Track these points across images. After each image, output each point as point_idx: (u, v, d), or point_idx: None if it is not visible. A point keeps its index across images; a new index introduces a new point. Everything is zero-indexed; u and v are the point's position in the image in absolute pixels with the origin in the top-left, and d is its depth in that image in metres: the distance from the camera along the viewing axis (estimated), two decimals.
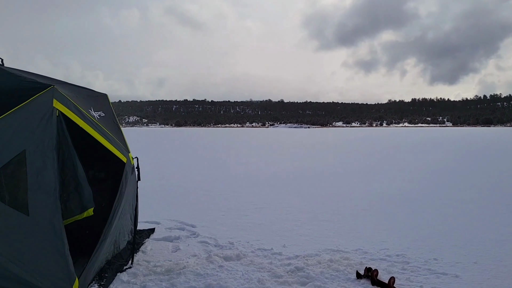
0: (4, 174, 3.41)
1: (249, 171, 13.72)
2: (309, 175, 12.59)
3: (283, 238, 5.62)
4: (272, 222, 6.55)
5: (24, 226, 3.45)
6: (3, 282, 3.37)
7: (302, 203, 8.19)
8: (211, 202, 8.30)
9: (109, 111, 4.93)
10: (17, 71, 4.12)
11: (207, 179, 11.88)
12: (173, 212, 7.18)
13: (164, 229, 6.06)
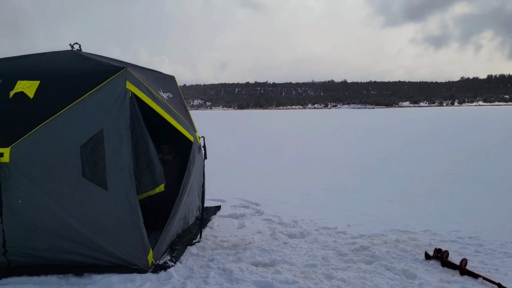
0: (85, 151, 3.69)
1: (312, 152, 13.66)
2: (374, 156, 12.28)
3: (348, 217, 5.57)
4: (336, 202, 6.50)
5: (103, 200, 3.72)
6: (87, 251, 3.69)
7: (367, 183, 8.03)
8: (274, 181, 8.40)
9: (176, 92, 5.12)
10: (93, 56, 4.39)
11: (270, 160, 12.01)
12: (238, 190, 7.36)
13: (229, 207, 6.24)
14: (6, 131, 3.58)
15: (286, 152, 13.90)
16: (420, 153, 12.70)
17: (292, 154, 13.27)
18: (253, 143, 17.74)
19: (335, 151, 13.77)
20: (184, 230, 4.76)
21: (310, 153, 13.49)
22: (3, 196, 3.49)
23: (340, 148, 14.94)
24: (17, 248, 3.64)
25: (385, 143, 16.36)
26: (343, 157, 12.15)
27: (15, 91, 3.69)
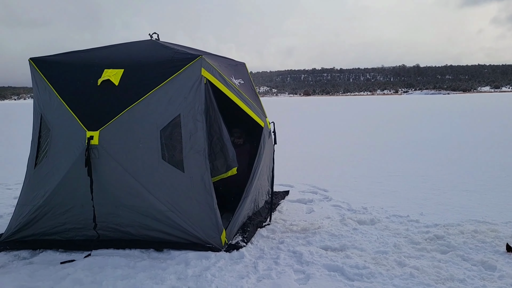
0: (164, 135, 3.93)
1: (381, 139, 13.28)
2: (449, 144, 11.66)
3: (420, 206, 5.39)
4: (407, 190, 6.31)
5: (180, 181, 3.95)
6: (166, 228, 3.94)
7: (441, 171, 7.68)
8: (342, 168, 8.32)
9: (247, 79, 5.24)
10: (170, 44, 4.62)
11: (338, 146, 11.86)
12: (306, 176, 7.39)
13: (297, 192, 6.30)
14: (95, 116, 3.91)
15: (355, 138, 13.63)
16: (502, 142, 11.85)
17: (361, 140, 12.99)
18: (320, 129, 17.58)
19: (405, 138, 13.26)
20: (254, 213, 4.90)
21: (379, 140, 13.12)
22: (94, 175, 3.82)
23: (410, 135, 14.35)
24: (105, 223, 3.98)
25: (462, 131, 15.44)
26: (414, 145, 11.67)
27: (102, 79, 4.00)
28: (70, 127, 3.94)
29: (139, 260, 3.71)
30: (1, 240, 4.18)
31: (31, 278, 3.39)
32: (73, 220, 4.03)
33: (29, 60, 4.24)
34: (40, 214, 4.05)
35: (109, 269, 3.53)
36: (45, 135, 4.15)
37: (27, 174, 4.25)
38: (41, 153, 4.17)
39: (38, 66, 4.21)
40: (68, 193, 3.95)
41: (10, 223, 4.21)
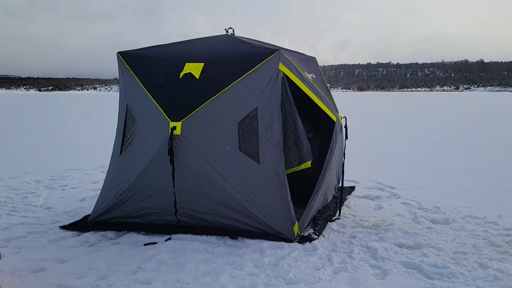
0: (241, 127, 4.05)
1: (446, 137, 12.76)
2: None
3: (497, 207, 5.17)
4: (481, 191, 6.05)
5: (256, 172, 4.06)
6: (241, 217, 4.08)
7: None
8: (409, 165, 8.12)
9: (318, 73, 5.26)
10: (247, 39, 4.73)
11: (403, 143, 11.56)
12: (371, 172, 7.30)
13: (363, 188, 6.25)
14: (178, 107, 4.11)
15: (416, 136, 13.20)
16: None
17: (423, 138, 12.56)
18: (379, 125, 17.18)
19: (473, 137, 12.65)
20: (323, 206, 4.93)
21: (444, 138, 12.62)
22: (175, 163, 4.03)
23: (479, 133, 13.66)
24: (184, 209, 4.19)
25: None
26: (483, 143, 11.12)
27: (184, 72, 4.19)
28: (155, 118, 4.17)
29: (216, 246, 3.87)
30: (88, 221, 4.51)
31: (120, 257, 3.65)
32: (154, 205, 4.27)
33: (117, 53, 4.52)
34: (124, 198, 4.33)
35: (190, 253, 3.72)
36: (130, 125, 4.42)
37: (113, 160, 4.54)
38: (126, 142, 4.44)
39: (125, 60, 4.48)
40: (150, 180, 4.19)
41: (97, 205, 4.53)
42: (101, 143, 11.31)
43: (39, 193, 5.97)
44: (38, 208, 5.20)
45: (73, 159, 8.78)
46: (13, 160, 8.83)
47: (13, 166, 8.03)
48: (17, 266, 3.42)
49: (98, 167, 7.90)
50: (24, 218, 4.78)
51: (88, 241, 4.05)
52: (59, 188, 6.27)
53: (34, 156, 9.40)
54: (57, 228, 4.43)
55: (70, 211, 5.09)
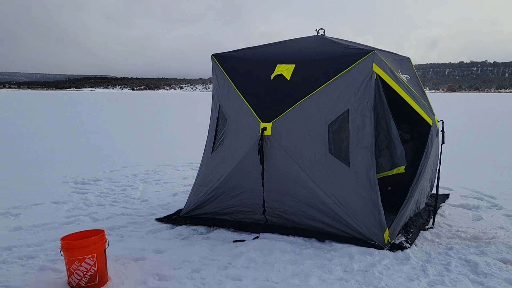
0: (332, 129, 4.00)
1: None
2: None
3: None
4: None
5: (345, 175, 3.98)
6: (329, 220, 4.03)
7: None
8: (510, 174, 7.43)
9: (413, 74, 5.02)
10: (339, 40, 4.66)
11: (500, 149, 10.62)
12: (466, 180, 6.80)
13: (459, 196, 5.84)
14: (269, 108, 4.17)
15: None
16: None
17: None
18: (475, 129, 15.93)
19: None
20: (415, 214, 4.70)
21: None
22: (265, 163, 4.10)
23: None
24: (272, 209, 4.24)
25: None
26: None
27: (275, 74, 4.24)
28: (246, 118, 4.27)
29: (304, 248, 3.87)
30: (181, 215, 4.76)
31: (212, 252, 3.80)
32: (243, 203, 4.37)
33: (212, 56, 4.71)
34: (215, 195, 4.49)
35: (278, 252, 3.75)
36: (222, 125, 4.57)
37: (204, 158, 4.73)
38: (218, 141, 4.60)
39: (219, 61, 4.65)
40: (240, 178, 4.30)
41: (189, 201, 4.76)
42: (190, 140, 11.87)
43: (136, 186, 6.42)
44: (136, 200, 5.60)
45: (165, 155, 9.32)
46: (112, 154, 9.60)
47: (113, 160, 8.73)
48: (120, 254, 3.71)
49: (188, 163, 8.30)
50: (124, 209, 5.17)
51: (182, 234, 4.27)
52: (154, 182, 6.69)
53: (130, 151, 10.14)
54: (153, 220, 4.73)
55: (164, 204, 5.41)
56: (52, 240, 4.06)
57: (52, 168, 7.79)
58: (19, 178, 6.89)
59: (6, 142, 11.57)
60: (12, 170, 7.61)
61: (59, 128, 16.00)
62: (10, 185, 6.36)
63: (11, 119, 20.69)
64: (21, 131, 14.90)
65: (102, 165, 8.04)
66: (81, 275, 3.05)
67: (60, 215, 4.90)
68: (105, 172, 7.39)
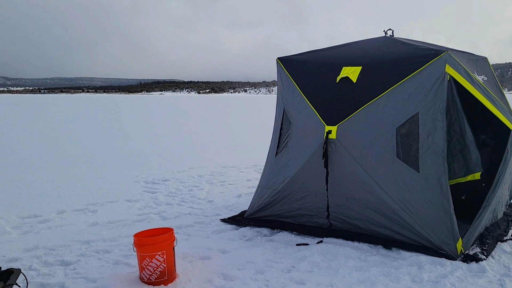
0: (400, 133, 3.87)
1: None
2: None
3: None
4: None
5: (414, 181, 3.83)
6: (396, 227, 3.89)
7: None
8: None
9: (490, 75, 4.71)
10: (409, 40, 4.50)
11: None
12: None
13: None
14: (334, 111, 4.12)
15: None
16: None
17: None
18: None
19: None
20: (492, 224, 4.39)
21: None
22: (329, 167, 4.05)
23: None
24: (336, 213, 4.18)
25: None
26: None
27: (341, 76, 4.18)
28: (310, 122, 4.25)
29: (369, 255, 3.76)
30: (245, 216, 4.84)
31: (275, 254, 3.82)
32: (307, 207, 4.35)
33: (277, 59, 4.75)
34: (278, 198, 4.51)
35: (342, 258, 3.69)
36: (286, 128, 4.59)
37: (268, 161, 4.77)
38: (282, 143, 4.62)
39: (284, 65, 4.68)
40: (304, 182, 4.29)
41: (252, 202, 4.83)
42: (253, 142, 12.03)
43: (202, 187, 6.63)
44: (201, 201, 5.78)
45: (229, 157, 9.52)
46: (179, 155, 9.98)
47: (180, 161, 9.07)
48: (187, 252, 3.85)
49: (251, 165, 8.41)
50: (191, 209, 5.36)
51: (245, 236, 4.34)
52: (218, 184, 6.87)
53: (195, 152, 10.48)
54: (218, 221, 4.86)
55: (228, 205, 5.53)
56: (125, 236, 4.31)
57: (124, 168, 8.26)
58: (96, 176, 7.39)
59: (82, 143, 12.46)
60: (90, 168, 8.19)
61: (130, 130, 16.93)
62: (88, 183, 6.83)
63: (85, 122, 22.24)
64: (96, 132, 15.97)
65: (170, 166, 8.39)
66: (152, 270, 3.20)
67: (132, 213, 5.19)
68: (173, 173, 7.70)
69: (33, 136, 14.56)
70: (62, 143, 12.38)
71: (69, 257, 3.77)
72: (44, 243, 4.08)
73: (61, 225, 4.70)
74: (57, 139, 13.63)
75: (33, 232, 4.48)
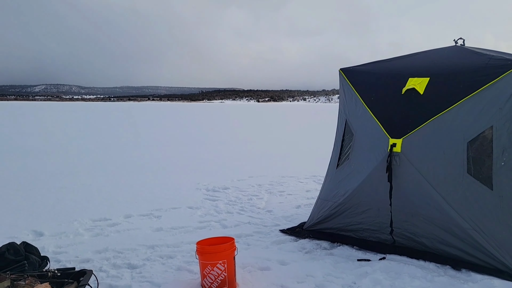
0: (471, 147, 3.66)
1: None
2: None
3: None
4: None
5: (487, 199, 3.60)
6: (466, 247, 3.66)
7: None
8: None
9: None
10: (481, 50, 4.26)
11: None
12: None
13: None
14: (399, 124, 3.99)
15: None
16: None
17: None
18: None
19: None
20: None
21: None
22: (393, 181, 3.92)
23: None
24: (400, 230, 4.02)
25: None
26: None
27: (407, 88, 4.04)
28: (374, 134, 4.15)
29: (436, 275, 3.58)
30: (304, 228, 4.80)
31: (335, 269, 3.75)
32: (368, 221, 4.23)
33: (339, 70, 4.69)
34: (339, 211, 4.43)
35: (406, 277, 3.54)
36: (348, 139, 4.51)
37: (329, 172, 4.71)
38: (343, 155, 4.55)
39: (346, 75, 4.61)
40: (366, 196, 4.18)
41: (312, 214, 4.78)
42: (312, 152, 11.94)
43: (261, 196, 6.68)
44: (261, 210, 5.82)
45: (288, 167, 9.51)
46: (239, 164, 10.13)
47: (239, 169, 9.21)
48: (247, 262, 3.89)
49: (311, 176, 8.35)
50: (250, 218, 5.41)
51: (305, 248, 4.30)
52: (277, 193, 6.88)
53: (254, 161, 10.59)
54: (277, 231, 4.86)
55: (287, 216, 5.51)
56: (188, 242, 4.44)
57: (186, 175, 8.53)
58: (160, 182, 7.71)
59: (149, 149, 13.04)
60: (154, 174, 8.55)
61: (191, 137, 17.48)
62: (152, 189, 7.14)
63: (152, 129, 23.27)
64: (162, 139, 16.66)
65: (230, 174, 8.54)
66: (213, 279, 3.27)
67: (194, 220, 5.34)
68: (232, 181, 7.83)
69: (102, 141, 15.49)
70: (129, 149, 13.05)
71: (135, 260, 3.95)
72: (113, 246, 4.31)
73: (128, 229, 4.94)
74: (125, 145, 14.39)
75: (103, 234, 4.75)
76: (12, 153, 11.98)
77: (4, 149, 12.87)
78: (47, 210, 5.81)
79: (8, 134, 18.71)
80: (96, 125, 26.18)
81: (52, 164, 9.98)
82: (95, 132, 20.43)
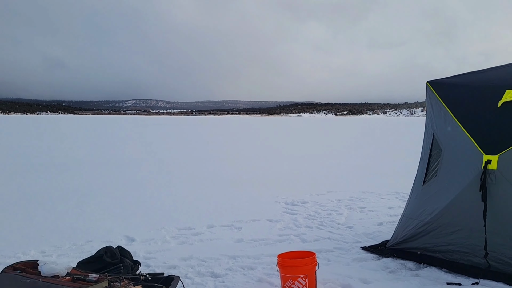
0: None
1: None
2: None
3: None
4: None
5: None
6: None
7: None
8: None
9: None
10: None
11: None
12: None
13: None
14: (494, 139, 3.71)
15: None
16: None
17: None
18: None
19: None
20: None
21: None
22: (488, 201, 3.64)
23: None
24: (496, 253, 3.71)
25: None
26: None
27: (504, 100, 3.76)
28: (465, 150, 3.90)
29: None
30: (387, 246, 4.62)
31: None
32: (459, 242, 3.96)
33: (427, 83, 4.50)
34: (425, 230, 4.20)
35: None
36: (436, 155, 4.28)
37: (415, 189, 4.50)
38: (430, 172, 4.33)
39: (434, 88, 4.41)
40: (457, 215, 3.92)
41: (396, 232, 4.58)
42: (394, 168, 11.49)
43: (341, 211, 6.55)
44: (341, 226, 5.71)
45: (369, 182, 9.23)
46: (317, 178, 10.06)
47: (318, 184, 9.14)
48: (328, 278, 3.83)
49: (393, 192, 8.02)
50: (330, 233, 5.33)
51: (388, 267, 4.13)
52: (358, 209, 6.70)
53: (333, 175, 10.44)
54: (359, 248, 4.73)
55: (369, 233, 5.35)
56: (268, 255, 4.49)
57: (265, 188, 8.65)
58: (240, 195, 7.90)
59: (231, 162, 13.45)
60: (235, 187, 8.79)
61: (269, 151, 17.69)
62: (233, 201, 7.34)
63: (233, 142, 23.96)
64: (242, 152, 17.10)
65: (308, 188, 8.50)
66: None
67: (273, 233, 5.39)
68: (311, 195, 7.79)
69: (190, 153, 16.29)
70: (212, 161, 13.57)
71: (218, 269, 4.08)
72: (197, 254, 4.50)
73: (211, 239, 5.12)
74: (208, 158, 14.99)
75: (188, 243, 4.98)
76: (106, 164, 13.07)
77: (102, 160, 14.09)
78: (138, 217, 6.24)
79: (103, 145, 20.44)
80: (184, 137, 27.60)
81: (143, 173, 10.72)
82: (182, 145, 21.54)
